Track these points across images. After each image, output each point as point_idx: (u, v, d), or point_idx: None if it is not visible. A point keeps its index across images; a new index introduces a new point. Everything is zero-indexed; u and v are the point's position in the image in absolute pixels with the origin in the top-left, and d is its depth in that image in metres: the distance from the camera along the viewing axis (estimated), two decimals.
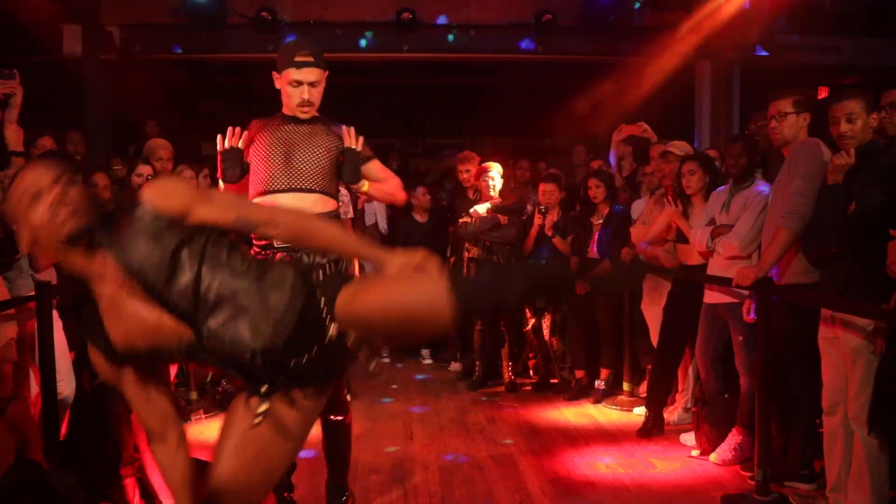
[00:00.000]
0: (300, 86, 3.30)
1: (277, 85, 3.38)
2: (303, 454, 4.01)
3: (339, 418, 3.45)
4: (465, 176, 6.33)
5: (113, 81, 7.21)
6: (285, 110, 3.42)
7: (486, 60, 8.31)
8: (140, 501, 3.21)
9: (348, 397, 3.65)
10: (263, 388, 2.18)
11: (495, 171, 6.14)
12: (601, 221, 5.71)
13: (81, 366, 3.78)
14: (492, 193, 6.11)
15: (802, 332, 3.81)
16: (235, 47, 7.37)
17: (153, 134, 6.95)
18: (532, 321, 6.04)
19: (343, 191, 6.02)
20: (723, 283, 4.26)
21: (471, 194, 6.34)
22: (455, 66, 9.03)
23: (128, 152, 6.22)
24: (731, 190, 4.37)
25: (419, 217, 6.97)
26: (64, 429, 3.73)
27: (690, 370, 5.10)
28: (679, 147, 5.16)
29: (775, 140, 3.95)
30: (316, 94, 3.36)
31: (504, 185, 6.21)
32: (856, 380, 3.30)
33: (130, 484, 3.19)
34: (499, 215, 6.02)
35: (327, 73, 3.37)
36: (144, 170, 5.13)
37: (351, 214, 6.05)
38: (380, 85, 9.87)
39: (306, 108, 3.33)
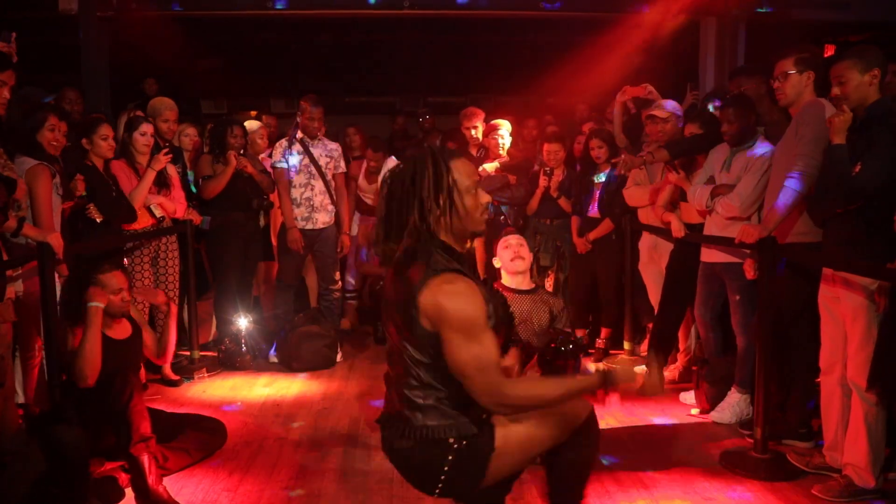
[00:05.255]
0: None
1: None
2: None
3: None
4: (470, 133, 6.25)
5: (110, 38, 7.11)
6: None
7: (489, 18, 8.17)
8: (156, 472, 3.24)
9: None
10: None
11: (504, 129, 6.07)
12: (602, 181, 5.68)
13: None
14: (501, 152, 6.05)
15: (803, 292, 3.82)
16: (235, 4, 7.25)
17: (152, 92, 6.89)
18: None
19: (335, 145, 5.99)
20: (723, 242, 4.25)
21: (474, 152, 6.28)
22: (458, 24, 8.90)
23: (126, 110, 6.14)
24: (732, 150, 4.33)
25: None
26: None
27: (692, 330, 5.11)
28: (666, 107, 5.11)
29: (780, 100, 3.90)
30: None
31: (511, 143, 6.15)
32: (855, 339, 3.31)
33: (145, 460, 3.22)
34: (508, 175, 5.98)
35: None
36: (147, 128, 5.08)
37: (343, 169, 6.01)
38: (381, 42, 9.75)
39: None
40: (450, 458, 2.20)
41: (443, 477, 2.24)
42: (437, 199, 2.20)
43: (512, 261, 4.15)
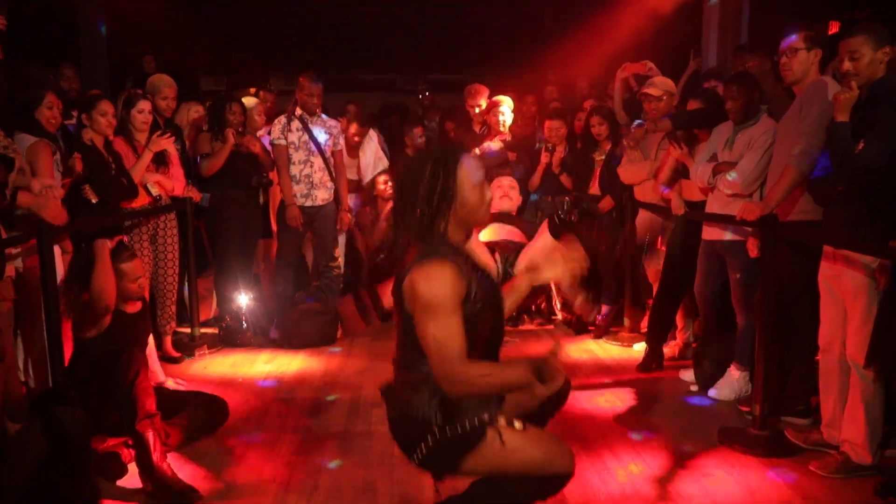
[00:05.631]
0: None
1: None
2: None
3: None
4: (473, 110, 6.23)
5: (108, 14, 7.07)
6: None
7: None
8: (160, 448, 3.25)
9: None
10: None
11: (506, 106, 6.05)
12: (603, 158, 5.67)
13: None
14: (502, 129, 6.03)
15: (804, 270, 3.82)
16: None
17: (150, 69, 6.85)
18: None
19: (333, 122, 5.96)
20: (724, 220, 4.24)
21: (477, 129, 6.26)
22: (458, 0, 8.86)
23: (124, 87, 6.12)
24: (736, 127, 4.31)
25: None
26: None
27: (692, 307, 5.13)
28: (659, 85, 5.09)
29: (786, 77, 3.86)
30: None
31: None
32: (855, 316, 3.32)
33: (150, 436, 3.23)
34: (508, 152, 5.96)
35: None
36: (145, 105, 5.05)
37: (342, 146, 5.98)
38: (381, 18, 9.69)
39: None
40: (429, 439, 2.28)
41: (420, 454, 2.33)
42: (442, 196, 2.28)
43: (500, 199, 4.15)
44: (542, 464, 2.35)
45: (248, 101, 6.10)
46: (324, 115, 5.89)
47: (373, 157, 6.60)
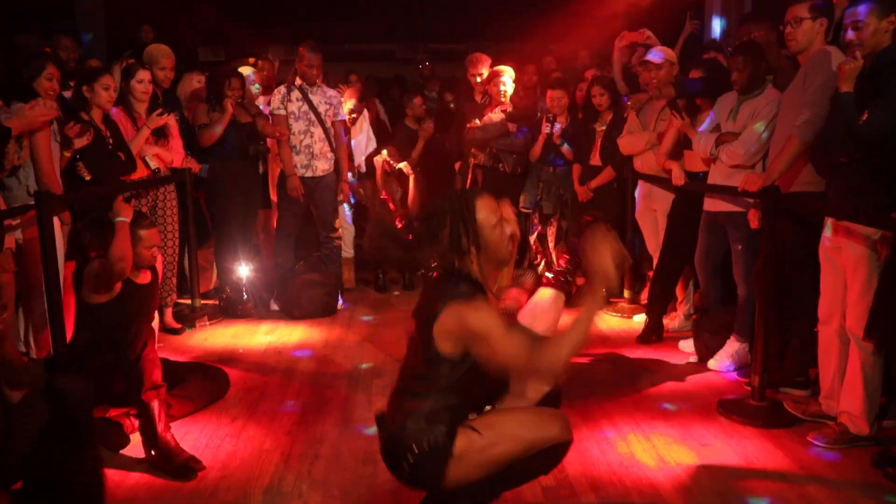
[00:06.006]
0: None
1: None
2: None
3: None
4: (475, 80, 6.18)
5: None
6: None
7: None
8: (165, 419, 3.27)
9: None
10: None
11: (507, 76, 6.00)
12: (604, 128, 5.64)
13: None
14: (503, 99, 5.99)
15: (805, 242, 3.81)
16: None
17: (148, 40, 6.78)
18: (538, 229, 6.03)
19: (333, 92, 5.91)
20: (725, 191, 4.23)
21: (479, 98, 6.22)
22: None
23: (121, 58, 6.06)
24: (740, 97, 4.27)
25: (412, 125, 6.70)
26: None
27: (691, 279, 5.13)
28: (657, 55, 5.05)
29: (791, 47, 3.80)
30: None
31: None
32: (856, 288, 3.31)
33: (156, 406, 3.25)
34: (508, 123, 5.93)
35: None
36: (144, 75, 5.00)
37: (342, 116, 5.93)
38: None
39: None
40: (410, 459, 2.35)
41: (405, 474, 2.39)
42: (464, 240, 2.39)
43: None
44: (533, 442, 2.40)
45: (244, 70, 6.05)
46: (324, 86, 5.85)
47: (365, 137, 6.56)
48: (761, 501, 2.93)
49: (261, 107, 6.00)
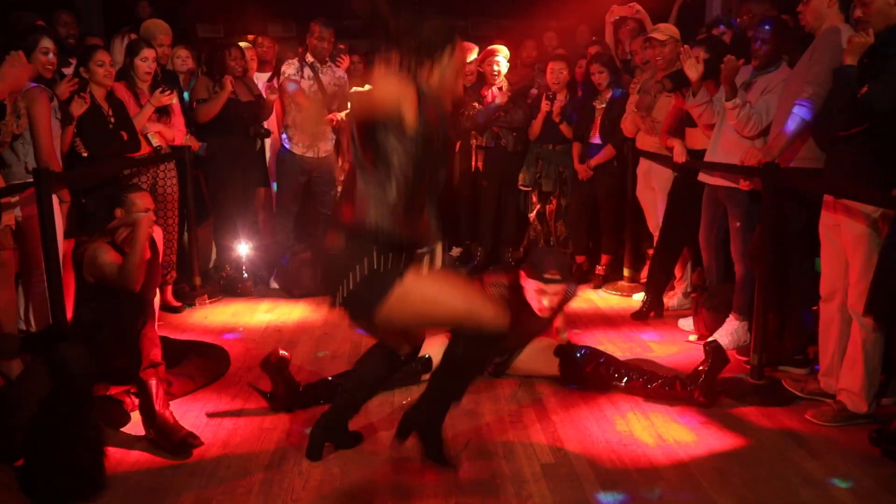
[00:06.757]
0: None
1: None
2: None
3: None
4: (489, 70, 6.09)
5: None
6: None
7: None
8: (163, 396, 3.28)
9: None
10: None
11: (502, 56, 5.95)
12: (604, 106, 5.61)
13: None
14: (498, 79, 5.95)
15: (803, 219, 3.80)
16: None
17: (145, 15, 6.72)
18: (538, 206, 6.02)
19: (342, 72, 5.85)
20: (727, 168, 4.21)
21: (468, 82, 6.16)
22: None
23: (120, 33, 6.01)
24: (754, 72, 4.21)
25: None
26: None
27: (690, 257, 5.13)
28: (663, 31, 5.01)
29: (803, 25, 3.75)
30: None
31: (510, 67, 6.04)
32: (856, 266, 3.31)
33: (153, 384, 3.25)
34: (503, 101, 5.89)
35: None
36: (149, 53, 4.95)
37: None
38: None
39: None
40: (365, 263, 2.42)
41: (343, 293, 2.46)
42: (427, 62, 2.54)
43: None
44: (465, 314, 2.49)
45: (241, 45, 5.99)
46: (333, 65, 5.82)
47: None
48: (759, 479, 2.94)
49: (259, 84, 5.95)
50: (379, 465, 3.05)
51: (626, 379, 3.68)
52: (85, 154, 4.45)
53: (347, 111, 5.54)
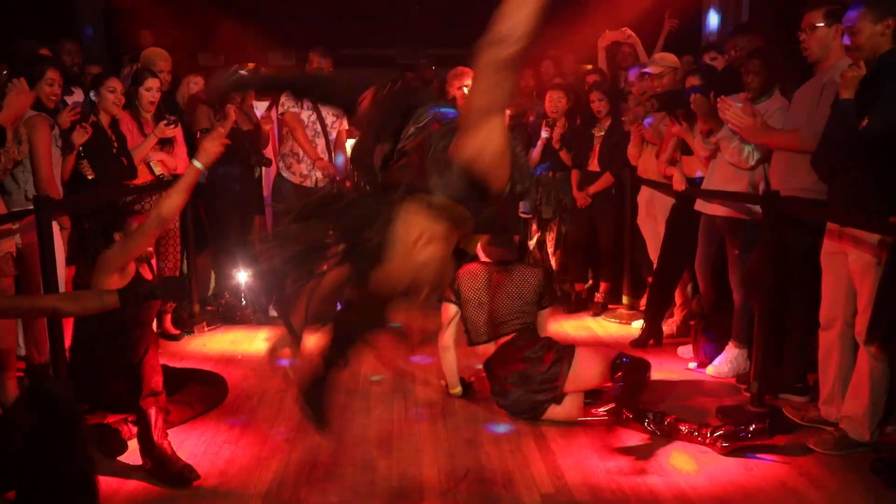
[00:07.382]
0: None
1: None
2: None
3: None
4: (463, 92, 6.09)
5: None
6: None
7: None
8: (162, 426, 3.25)
9: None
10: None
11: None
12: (602, 133, 5.64)
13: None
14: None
15: (803, 247, 3.81)
16: None
17: (147, 44, 6.78)
18: (537, 235, 6.02)
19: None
20: (726, 196, 4.23)
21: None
22: None
23: (122, 63, 6.06)
24: (747, 101, 4.24)
25: None
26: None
27: (690, 284, 5.13)
28: (658, 63, 5.05)
29: (807, 56, 3.73)
30: None
31: None
32: (865, 294, 3.28)
33: (153, 414, 3.23)
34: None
35: None
36: (153, 83, 4.98)
37: (347, 126, 5.90)
38: None
39: None
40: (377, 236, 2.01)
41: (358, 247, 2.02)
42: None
43: None
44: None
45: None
46: None
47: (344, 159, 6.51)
48: None
49: (258, 112, 5.98)
50: (377, 495, 3.03)
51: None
52: (91, 176, 4.47)
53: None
